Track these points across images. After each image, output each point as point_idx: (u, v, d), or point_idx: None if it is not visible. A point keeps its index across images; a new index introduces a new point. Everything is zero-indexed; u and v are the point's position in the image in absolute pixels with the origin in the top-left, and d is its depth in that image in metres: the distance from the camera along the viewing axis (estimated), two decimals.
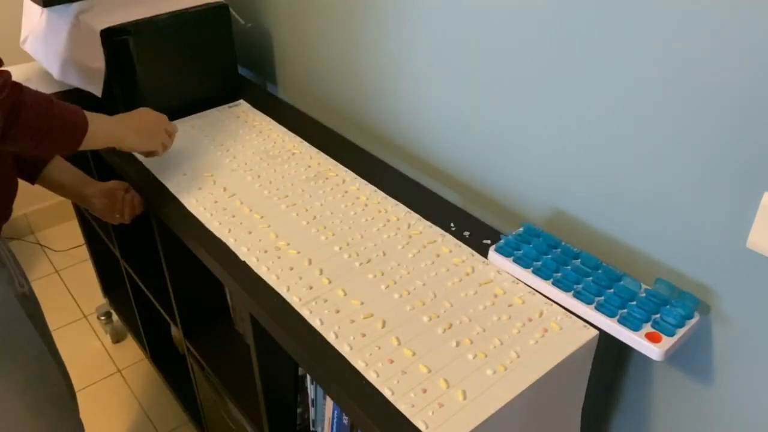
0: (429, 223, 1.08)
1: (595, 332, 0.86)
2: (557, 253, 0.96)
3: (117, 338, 2.06)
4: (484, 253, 1.00)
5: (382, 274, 0.97)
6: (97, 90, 1.37)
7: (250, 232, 1.07)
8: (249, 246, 1.04)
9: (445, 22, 1.08)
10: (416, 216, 1.10)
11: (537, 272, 0.93)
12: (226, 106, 1.48)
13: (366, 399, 0.78)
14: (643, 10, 0.79)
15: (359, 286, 0.95)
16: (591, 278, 0.91)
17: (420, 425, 0.75)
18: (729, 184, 0.78)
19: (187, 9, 1.38)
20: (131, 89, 1.37)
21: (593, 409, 0.98)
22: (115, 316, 2.05)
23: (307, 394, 1.12)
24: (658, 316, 0.85)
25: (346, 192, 1.17)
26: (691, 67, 0.77)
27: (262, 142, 1.33)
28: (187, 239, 1.11)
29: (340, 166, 1.24)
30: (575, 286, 0.90)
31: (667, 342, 0.82)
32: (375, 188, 1.17)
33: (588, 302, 0.87)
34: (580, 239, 1.00)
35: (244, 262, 1.00)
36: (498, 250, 0.97)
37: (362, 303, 0.92)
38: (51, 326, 1.28)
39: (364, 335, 0.87)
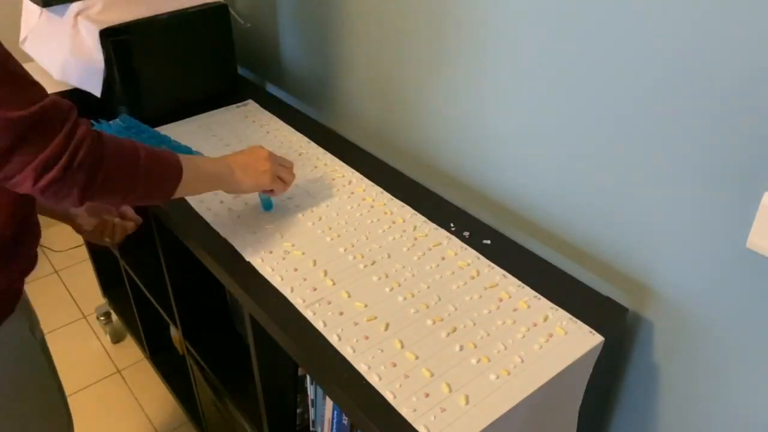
0: (435, 225, 1.07)
1: (601, 338, 0.86)
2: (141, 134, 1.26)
3: (116, 338, 2.06)
4: (487, 254, 1.00)
5: (387, 277, 0.97)
6: (96, 90, 1.37)
7: (254, 233, 1.06)
8: (254, 246, 1.03)
9: (446, 24, 1.08)
10: (422, 218, 1.09)
11: None
12: (234, 105, 1.48)
13: (368, 402, 0.78)
14: (643, 10, 0.79)
15: (364, 289, 0.95)
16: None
17: (422, 430, 0.74)
18: (729, 184, 0.78)
19: (186, 9, 1.38)
20: (130, 89, 1.36)
21: (593, 409, 0.98)
22: (114, 317, 2.05)
23: (306, 394, 1.11)
24: None
25: (353, 193, 1.16)
26: (692, 67, 0.77)
27: (269, 143, 1.32)
28: (188, 239, 1.10)
29: (347, 167, 1.24)
30: None
31: None
32: (381, 190, 1.17)
33: None
34: (580, 238, 0.99)
35: (247, 263, 1.00)
36: None
37: (366, 305, 0.92)
38: (51, 326, 1.28)
39: (367, 338, 0.86)
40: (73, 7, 1.36)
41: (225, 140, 1.33)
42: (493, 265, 0.99)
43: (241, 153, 1.04)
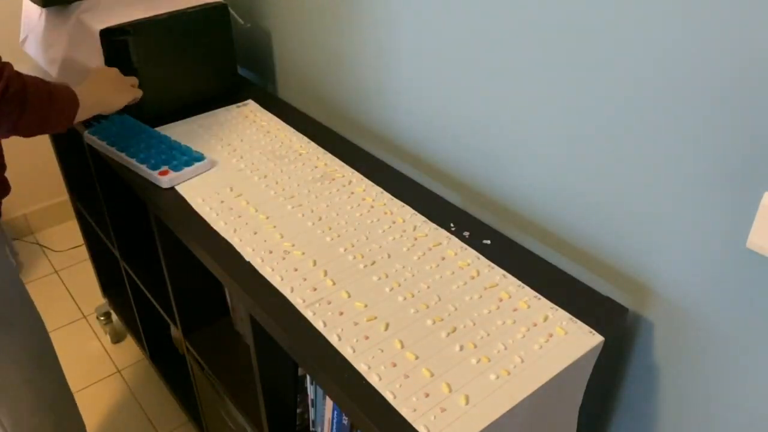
0: (435, 225, 1.07)
1: (601, 338, 0.86)
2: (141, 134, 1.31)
3: (116, 338, 2.06)
4: (487, 254, 1.00)
5: (387, 277, 0.97)
6: None
7: (255, 233, 1.06)
8: (254, 246, 1.03)
9: (444, 23, 1.08)
10: (422, 218, 1.09)
11: (119, 149, 1.26)
12: (234, 105, 1.47)
13: (368, 402, 0.78)
14: (643, 7, 0.79)
15: (364, 289, 0.95)
16: (155, 149, 1.25)
17: (422, 430, 0.74)
18: (729, 184, 0.78)
19: (186, 9, 1.38)
20: None
21: (593, 409, 0.98)
22: (114, 317, 2.05)
23: (306, 394, 1.11)
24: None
25: (353, 193, 1.16)
26: (692, 66, 0.77)
27: (270, 142, 1.33)
28: (188, 238, 1.10)
29: (347, 167, 1.24)
30: (141, 155, 1.23)
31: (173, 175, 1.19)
32: (381, 190, 1.17)
33: (143, 162, 1.21)
34: (580, 238, 0.99)
35: (247, 263, 1.00)
36: (92, 133, 1.32)
37: (366, 305, 0.92)
38: (51, 327, 1.29)
39: (367, 338, 0.86)
40: (73, 7, 1.36)
41: (225, 140, 1.33)
42: (493, 265, 0.99)
43: (102, 76, 1.26)
